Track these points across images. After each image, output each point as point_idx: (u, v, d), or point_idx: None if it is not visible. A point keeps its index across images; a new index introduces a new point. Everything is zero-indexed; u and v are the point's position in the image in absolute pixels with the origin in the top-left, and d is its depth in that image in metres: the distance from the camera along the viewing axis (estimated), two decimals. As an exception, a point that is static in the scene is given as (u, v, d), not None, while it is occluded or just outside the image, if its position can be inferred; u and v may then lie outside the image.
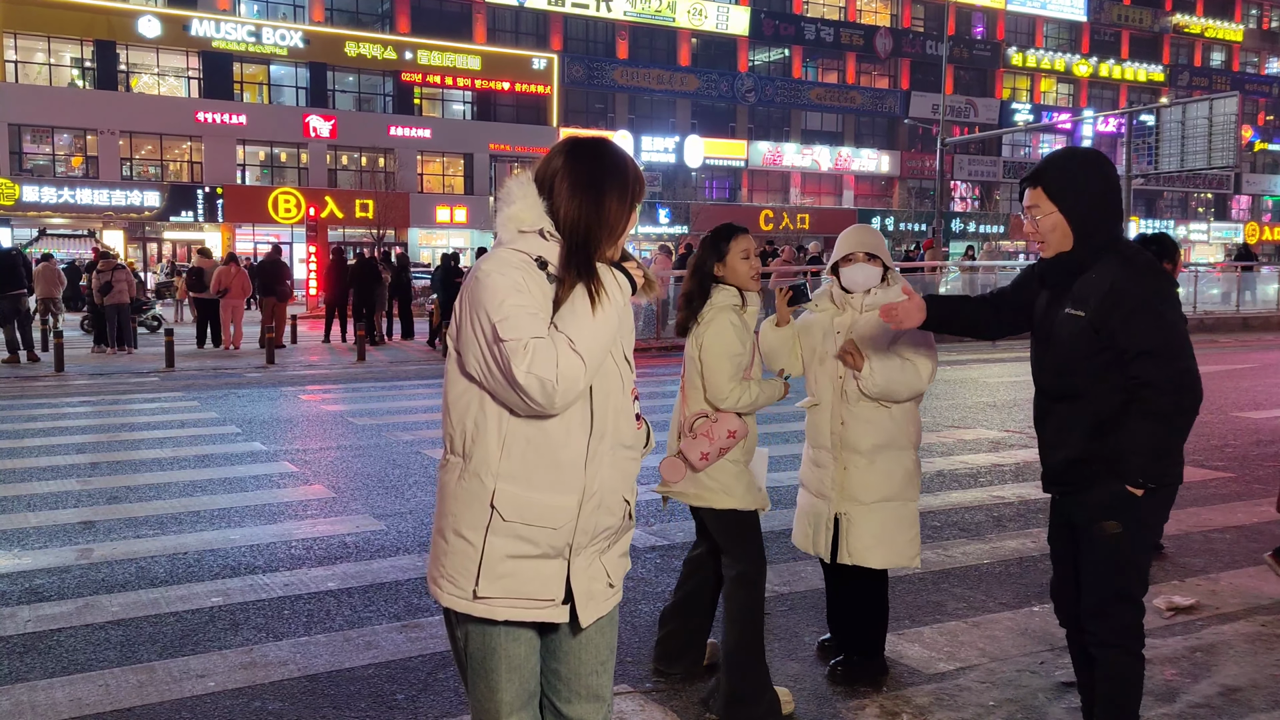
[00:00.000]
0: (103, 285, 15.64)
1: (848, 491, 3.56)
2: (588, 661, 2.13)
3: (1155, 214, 55.62)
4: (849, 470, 3.56)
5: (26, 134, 33.97)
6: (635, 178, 2.04)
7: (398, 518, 6.00)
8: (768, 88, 46.27)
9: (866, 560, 3.54)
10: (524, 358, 1.86)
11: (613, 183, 2.01)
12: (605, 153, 2.05)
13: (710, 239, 3.50)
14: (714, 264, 3.46)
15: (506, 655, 2.05)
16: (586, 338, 1.91)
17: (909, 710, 3.42)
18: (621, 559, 2.18)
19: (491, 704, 2.07)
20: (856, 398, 3.53)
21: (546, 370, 1.86)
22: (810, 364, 3.69)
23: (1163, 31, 55.49)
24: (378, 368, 14.31)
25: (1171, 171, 25.51)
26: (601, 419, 2.02)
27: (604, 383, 2.03)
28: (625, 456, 2.10)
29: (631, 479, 2.14)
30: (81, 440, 8.55)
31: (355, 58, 37.93)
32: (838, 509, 3.58)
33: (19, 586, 4.74)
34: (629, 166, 2.05)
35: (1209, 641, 4.05)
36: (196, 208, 35.00)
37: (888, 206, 48.85)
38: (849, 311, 3.58)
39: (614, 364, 2.06)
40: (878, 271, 3.56)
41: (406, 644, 4.05)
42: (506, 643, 2.05)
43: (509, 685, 2.06)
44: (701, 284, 3.46)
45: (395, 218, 36.68)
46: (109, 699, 3.55)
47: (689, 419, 3.45)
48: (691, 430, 3.42)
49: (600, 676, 2.15)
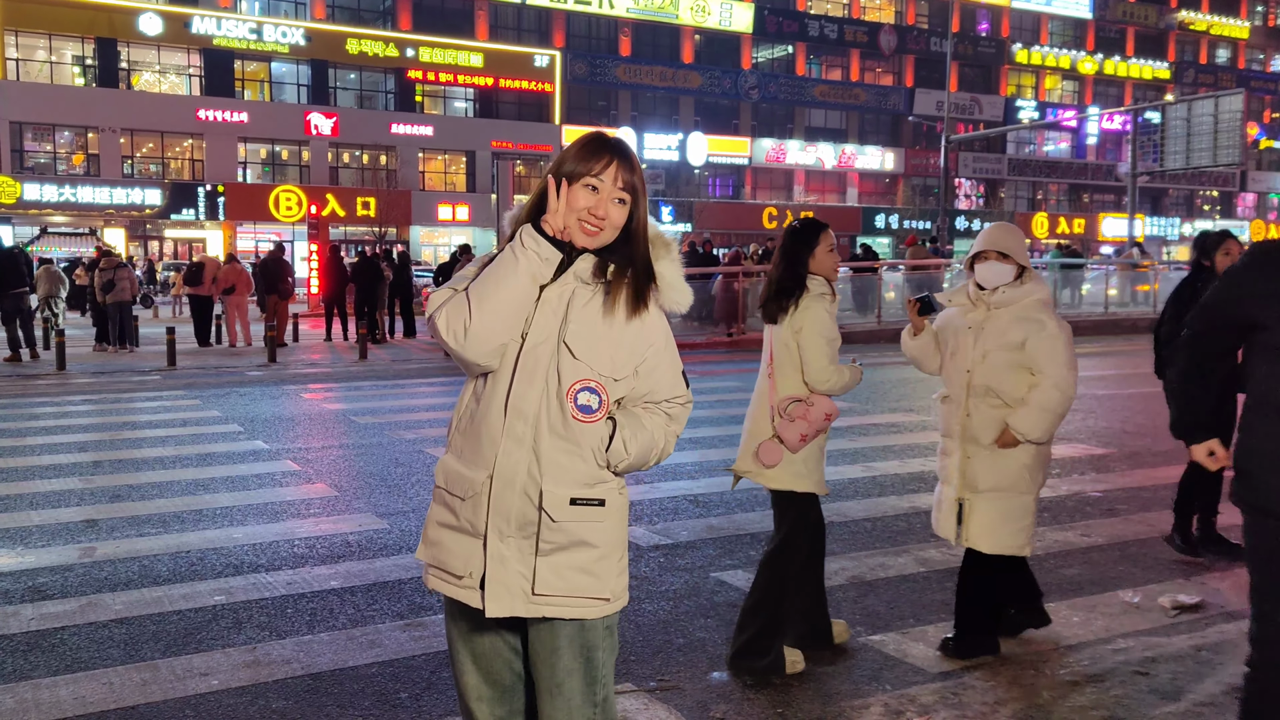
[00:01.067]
0: (105, 283, 15.65)
1: (968, 479, 3.75)
2: (543, 676, 2.09)
3: (1160, 212, 55.55)
4: (971, 460, 3.75)
5: (28, 132, 34.01)
6: (566, 151, 2.10)
7: (400, 516, 5.99)
8: (771, 85, 46.22)
9: (976, 544, 3.73)
10: (434, 302, 2.09)
11: (555, 159, 2.13)
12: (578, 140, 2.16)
13: (800, 233, 3.76)
14: (807, 257, 3.70)
15: (464, 639, 2.15)
16: (478, 285, 2.05)
17: (913, 708, 3.41)
18: (571, 573, 2.04)
19: (459, 687, 2.19)
20: (983, 392, 3.70)
21: (438, 308, 2.06)
22: (944, 358, 3.92)
23: (1168, 28, 55.38)
24: (380, 366, 14.30)
25: (1177, 169, 25.49)
26: (521, 398, 2.04)
27: (532, 363, 2.04)
28: (554, 446, 2.04)
29: (564, 471, 2.04)
30: (84, 439, 8.55)
31: (357, 55, 37.93)
32: (959, 495, 3.78)
33: (22, 585, 4.74)
34: (574, 143, 2.12)
35: (1214, 640, 4.04)
36: (198, 206, 35.02)
37: (892, 204, 48.81)
38: (981, 307, 3.77)
39: (550, 348, 2.04)
40: (1009, 270, 3.72)
41: (410, 643, 4.04)
42: (463, 626, 2.14)
43: (469, 671, 2.16)
44: (797, 274, 3.71)
45: (397, 216, 36.70)
46: (113, 697, 3.54)
47: (781, 403, 3.66)
48: (786, 413, 3.62)
49: (554, 699, 2.08)
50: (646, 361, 2.11)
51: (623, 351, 2.08)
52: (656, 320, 2.13)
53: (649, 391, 2.14)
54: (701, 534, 5.60)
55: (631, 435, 2.09)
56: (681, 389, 2.19)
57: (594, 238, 2.07)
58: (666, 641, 4.06)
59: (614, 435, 2.07)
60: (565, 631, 2.07)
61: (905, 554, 5.24)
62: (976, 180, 51.70)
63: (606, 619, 2.11)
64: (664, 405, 2.16)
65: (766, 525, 5.73)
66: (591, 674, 2.10)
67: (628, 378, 2.10)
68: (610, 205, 2.06)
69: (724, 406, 10.19)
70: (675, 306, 2.16)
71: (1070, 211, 53.39)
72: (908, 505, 6.25)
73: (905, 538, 5.56)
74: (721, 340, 17.03)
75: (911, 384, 12.23)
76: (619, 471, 2.11)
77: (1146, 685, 3.58)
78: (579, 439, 2.05)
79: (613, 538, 2.10)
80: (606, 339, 2.07)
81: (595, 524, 2.07)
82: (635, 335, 2.09)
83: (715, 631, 4.16)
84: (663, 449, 2.16)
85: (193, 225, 35.54)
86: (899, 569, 4.99)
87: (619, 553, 2.12)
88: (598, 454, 2.06)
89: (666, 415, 2.15)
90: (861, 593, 4.64)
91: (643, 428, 2.11)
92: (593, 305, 2.08)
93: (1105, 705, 3.43)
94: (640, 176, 2.12)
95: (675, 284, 2.15)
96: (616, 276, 2.10)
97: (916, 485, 6.78)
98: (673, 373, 2.16)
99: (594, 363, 2.05)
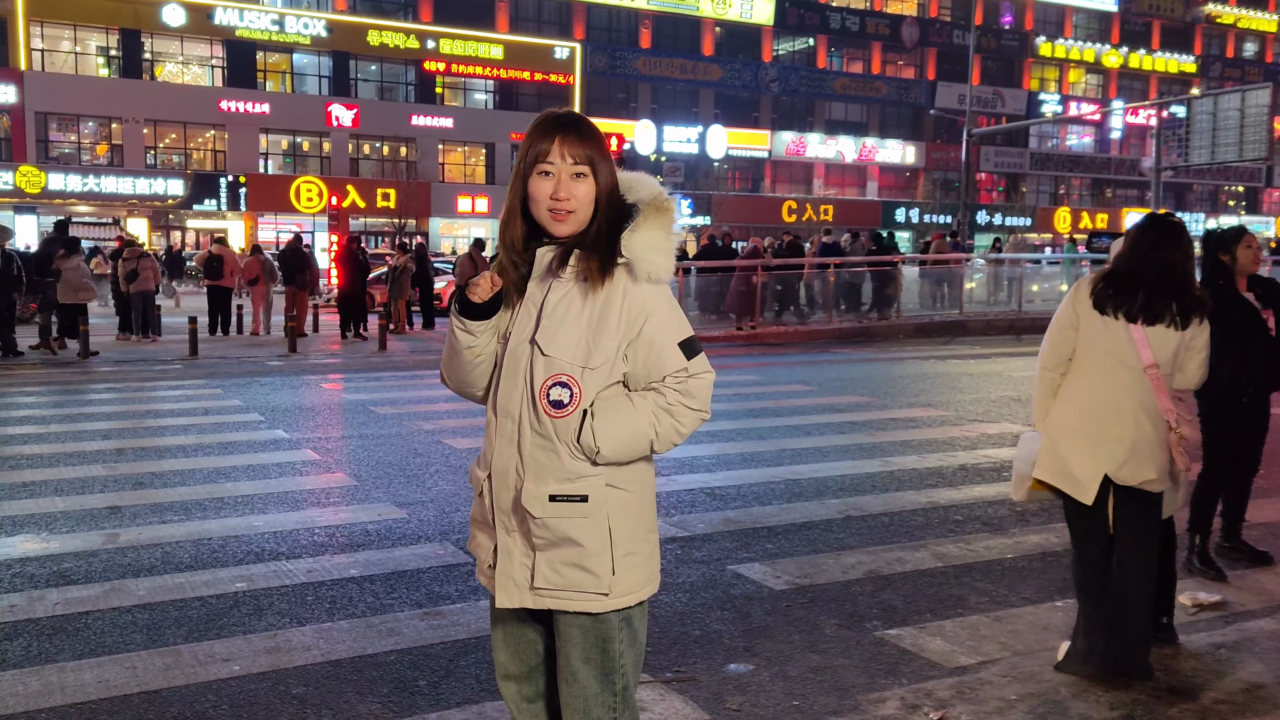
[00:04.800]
0: (129, 273, 15.78)
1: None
2: (561, 664, 2.11)
3: (1185, 207, 54.98)
4: None
5: (53, 122, 34.32)
6: (522, 143, 2.09)
7: (419, 506, 6.03)
8: (792, 77, 46.03)
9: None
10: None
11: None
12: None
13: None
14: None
15: (499, 618, 2.20)
16: (444, 352, 2.24)
17: (930, 703, 3.41)
18: (566, 569, 2.04)
19: (495, 664, 2.26)
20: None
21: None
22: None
23: (1194, 21, 54.74)
24: (399, 357, 14.37)
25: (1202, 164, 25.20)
26: (506, 398, 2.08)
27: (513, 364, 2.08)
28: (534, 443, 2.04)
29: (542, 468, 2.03)
30: (108, 426, 8.64)
31: (378, 47, 38.03)
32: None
33: (48, 570, 4.80)
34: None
35: (1233, 638, 4.01)
36: (219, 196, 35.25)
37: (912, 198, 48.54)
38: None
39: (527, 348, 2.05)
40: None
41: (428, 631, 4.08)
42: (498, 609, 2.18)
43: (500, 648, 2.21)
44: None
45: (416, 207, 36.80)
46: (136, 681, 3.59)
47: (1175, 405, 3.65)
48: (1184, 416, 3.65)
49: (570, 687, 2.08)
50: (637, 341, 2.03)
51: (600, 336, 2.01)
52: (643, 294, 2.03)
53: (649, 371, 2.05)
54: (718, 527, 5.61)
55: (600, 424, 1.99)
56: (679, 362, 2.04)
57: (568, 221, 2.01)
58: (683, 633, 4.08)
59: (582, 425, 2.01)
60: (578, 622, 2.08)
61: (922, 549, 5.23)
62: (998, 174, 51.33)
63: (621, 612, 2.08)
64: (666, 383, 2.05)
65: (783, 519, 5.75)
66: (608, 665, 2.09)
67: (607, 363, 2.02)
68: (570, 184, 2.00)
69: (741, 400, 10.19)
70: (654, 271, 2.02)
71: (1093, 206, 52.93)
72: (925, 500, 6.23)
73: (923, 532, 5.55)
74: (737, 334, 17.00)
75: (930, 379, 12.18)
76: (601, 463, 2.03)
77: (1165, 683, 3.57)
78: (554, 435, 2.03)
79: (601, 534, 2.04)
80: (579, 326, 2.02)
81: (579, 520, 2.03)
82: (614, 316, 2.02)
83: (731, 624, 4.18)
84: (661, 433, 2.04)
85: (214, 215, 35.78)
86: (916, 564, 4.98)
87: (620, 549, 2.06)
88: (573, 448, 2.02)
89: (661, 395, 2.04)
90: (878, 587, 4.64)
91: (621, 414, 2.02)
92: (569, 296, 2.05)
93: (1123, 704, 3.42)
94: (597, 144, 2.03)
95: (646, 253, 2.01)
96: (578, 258, 2.04)
97: (934, 480, 6.76)
98: (670, 348, 2.04)
99: (565, 354, 2.01)
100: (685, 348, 2.05)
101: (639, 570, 2.10)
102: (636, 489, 2.11)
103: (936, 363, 13.92)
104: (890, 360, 14.27)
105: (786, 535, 5.46)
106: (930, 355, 14.93)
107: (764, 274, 17.79)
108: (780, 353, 15.24)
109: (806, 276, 19.59)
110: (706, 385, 2.08)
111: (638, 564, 2.10)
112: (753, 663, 3.80)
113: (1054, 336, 3.67)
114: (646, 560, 2.12)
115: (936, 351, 15.48)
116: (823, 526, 5.64)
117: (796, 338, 17.19)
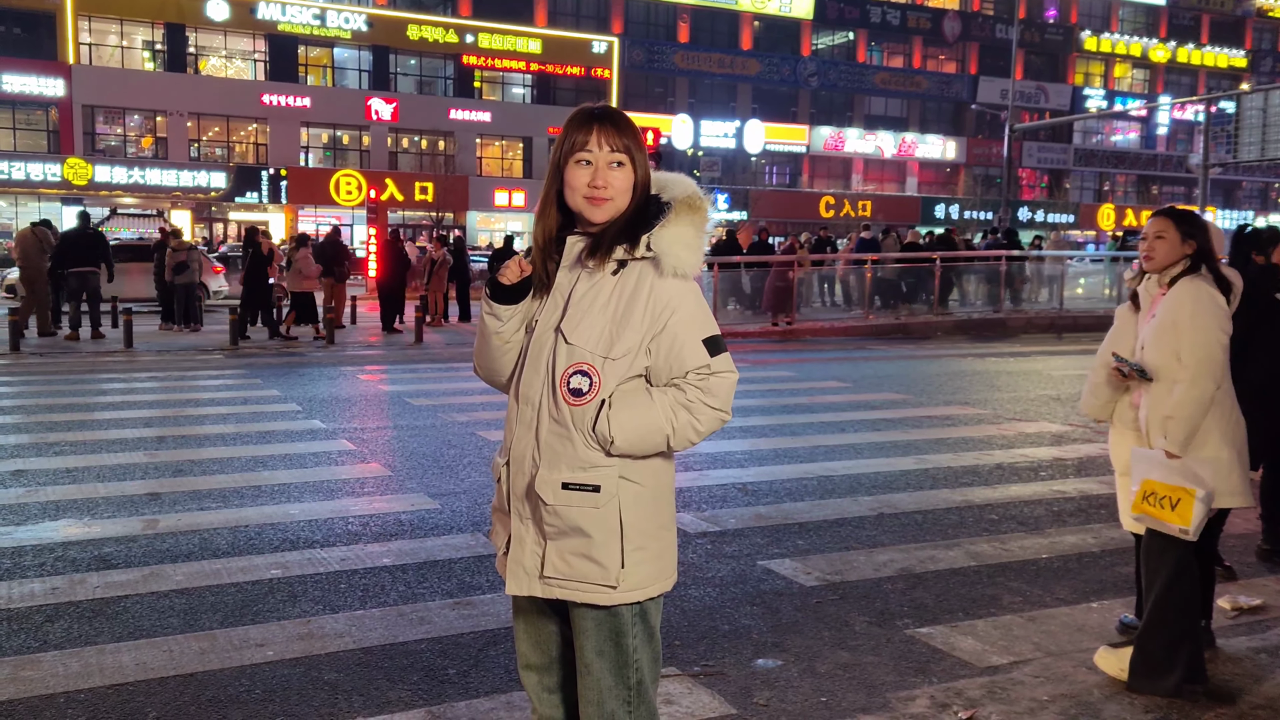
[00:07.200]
0: (177, 265, 16.01)
1: None
2: (577, 656, 2.11)
3: (1233, 205, 53.91)
4: None
5: (99, 115, 34.94)
6: (559, 136, 2.11)
7: (452, 497, 6.07)
8: (831, 72, 45.69)
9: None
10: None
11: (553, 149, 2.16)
12: None
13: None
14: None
15: (520, 607, 2.20)
16: (476, 338, 2.27)
17: (960, 702, 3.38)
18: (575, 559, 2.03)
19: (518, 654, 2.26)
20: None
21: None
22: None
23: (1245, 15, 53.58)
24: (435, 349, 14.48)
25: (1251, 161, 24.69)
26: (528, 385, 2.09)
27: (537, 351, 2.09)
28: (551, 430, 2.04)
29: (557, 456, 2.03)
30: (149, 415, 8.79)
31: (417, 41, 38.29)
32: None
33: (89, 554, 4.90)
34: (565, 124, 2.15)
35: (1274, 643, 3.93)
36: (261, 189, 35.69)
37: (952, 194, 48.02)
38: None
39: (551, 336, 2.07)
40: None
41: (459, 620, 4.11)
42: (517, 599, 2.19)
43: (522, 638, 2.22)
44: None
45: (454, 201, 37.04)
46: (172, 664, 3.65)
47: None
48: None
49: (584, 679, 2.08)
50: (661, 335, 2.02)
51: (624, 328, 2.01)
52: (669, 289, 2.03)
53: (670, 366, 2.03)
54: (749, 522, 5.59)
55: (617, 414, 1.99)
56: (702, 359, 2.03)
57: (604, 207, 2.04)
58: (712, 627, 4.07)
59: (598, 415, 2.00)
60: (590, 615, 2.07)
61: (956, 547, 5.19)
62: (1041, 170, 50.63)
63: (634, 606, 2.06)
64: (687, 379, 2.03)
65: (815, 515, 5.72)
66: (622, 659, 2.08)
67: (629, 355, 2.01)
68: (608, 172, 2.03)
69: (775, 396, 10.15)
70: (679, 266, 2.02)
71: (1138, 204, 52.04)
72: (960, 499, 6.17)
73: (956, 531, 5.50)
74: (772, 330, 16.92)
75: (967, 376, 12.05)
76: (614, 453, 2.02)
77: (1200, 686, 3.50)
78: (570, 422, 2.02)
79: (611, 526, 2.02)
80: (604, 316, 2.02)
81: (590, 510, 2.02)
82: (640, 309, 2.02)
83: (760, 619, 4.16)
84: (678, 429, 2.02)
85: (256, 208, 36.26)
86: (949, 562, 4.94)
87: (630, 543, 2.03)
88: (589, 437, 2.02)
89: (681, 391, 2.02)
90: (910, 585, 4.61)
91: (638, 407, 2.00)
92: (596, 286, 2.05)
93: (1158, 706, 3.36)
94: (634, 137, 2.06)
95: (673, 248, 2.02)
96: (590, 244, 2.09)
97: (970, 479, 6.69)
98: (693, 343, 2.02)
99: (588, 344, 2.02)
100: (709, 345, 2.04)
101: (649, 565, 2.07)
102: (651, 484, 2.08)
103: (974, 360, 13.78)
104: (927, 357, 14.13)
105: (818, 532, 5.44)
106: (968, 353, 14.77)
107: (799, 269, 17.68)
108: (816, 349, 15.16)
109: (842, 272, 19.42)
110: (729, 385, 2.06)
111: (648, 559, 2.07)
112: (781, 658, 3.79)
113: (1221, 349, 3.41)
114: (657, 556, 2.09)
115: (974, 349, 15.32)
116: (855, 523, 5.60)
117: (832, 334, 17.08)
